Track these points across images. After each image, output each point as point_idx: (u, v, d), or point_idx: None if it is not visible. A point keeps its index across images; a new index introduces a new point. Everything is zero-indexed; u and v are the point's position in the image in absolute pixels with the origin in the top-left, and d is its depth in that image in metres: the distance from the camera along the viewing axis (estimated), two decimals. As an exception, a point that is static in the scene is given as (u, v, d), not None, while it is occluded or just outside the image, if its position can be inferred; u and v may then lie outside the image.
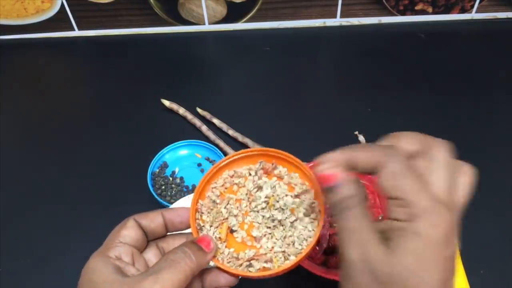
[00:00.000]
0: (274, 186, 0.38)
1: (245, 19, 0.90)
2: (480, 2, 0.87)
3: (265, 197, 0.37)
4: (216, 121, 0.73)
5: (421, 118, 0.72)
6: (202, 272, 0.35)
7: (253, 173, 0.39)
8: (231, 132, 0.70)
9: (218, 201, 0.38)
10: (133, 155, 0.69)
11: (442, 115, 0.73)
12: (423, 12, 0.89)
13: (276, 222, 0.36)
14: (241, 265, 0.35)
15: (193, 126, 0.73)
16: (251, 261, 0.35)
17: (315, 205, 0.36)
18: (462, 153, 0.64)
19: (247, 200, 0.38)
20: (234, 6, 0.88)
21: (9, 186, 0.67)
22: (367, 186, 0.59)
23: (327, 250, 0.55)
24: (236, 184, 0.39)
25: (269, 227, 0.36)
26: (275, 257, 0.35)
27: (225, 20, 0.90)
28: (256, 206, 0.37)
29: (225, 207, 0.37)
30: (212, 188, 0.39)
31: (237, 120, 0.72)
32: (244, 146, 0.69)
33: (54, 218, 0.63)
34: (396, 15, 0.89)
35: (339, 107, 0.75)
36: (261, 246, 0.36)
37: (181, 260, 0.32)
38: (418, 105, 0.75)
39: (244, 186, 0.39)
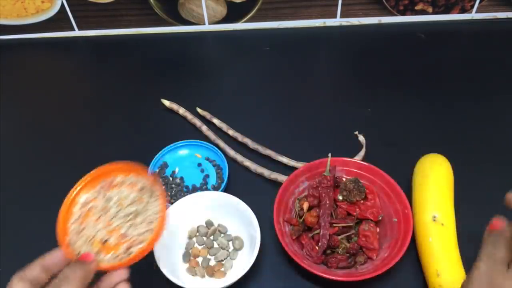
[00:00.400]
0: (119, 192, 0.47)
1: (245, 19, 0.90)
2: (480, 2, 0.87)
3: (116, 202, 0.46)
4: (216, 121, 0.73)
5: (421, 118, 0.72)
6: (96, 283, 0.41)
7: (98, 194, 0.47)
8: (231, 132, 0.70)
9: (81, 227, 0.45)
10: (133, 155, 0.69)
11: (442, 114, 0.73)
12: (423, 12, 0.89)
13: (133, 214, 0.45)
14: (121, 258, 0.43)
15: (193, 126, 0.73)
16: (129, 249, 0.43)
17: (153, 187, 0.47)
18: (462, 154, 0.64)
19: (104, 213, 0.45)
20: (234, 6, 0.88)
21: (9, 186, 0.67)
22: (367, 186, 0.59)
23: (327, 250, 0.55)
24: (89, 209, 0.46)
25: (130, 220, 0.45)
26: (145, 235, 0.44)
27: (225, 20, 0.90)
28: (113, 213, 0.45)
29: (90, 229, 0.44)
30: (72, 223, 0.45)
31: (237, 120, 0.72)
32: (244, 146, 0.69)
33: (54, 218, 0.63)
34: (396, 15, 0.89)
35: (339, 107, 0.75)
36: (131, 236, 0.44)
37: (70, 274, 0.38)
38: (418, 105, 0.75)
39: (96, 206, 0.46)
